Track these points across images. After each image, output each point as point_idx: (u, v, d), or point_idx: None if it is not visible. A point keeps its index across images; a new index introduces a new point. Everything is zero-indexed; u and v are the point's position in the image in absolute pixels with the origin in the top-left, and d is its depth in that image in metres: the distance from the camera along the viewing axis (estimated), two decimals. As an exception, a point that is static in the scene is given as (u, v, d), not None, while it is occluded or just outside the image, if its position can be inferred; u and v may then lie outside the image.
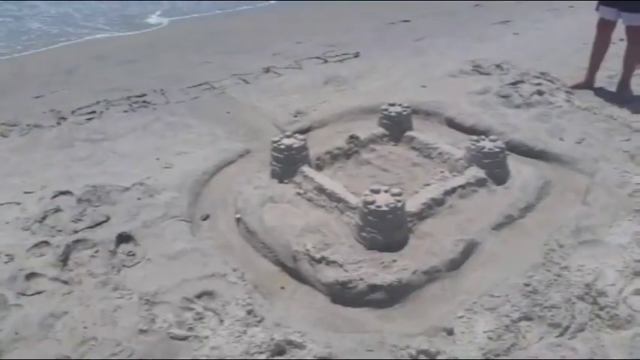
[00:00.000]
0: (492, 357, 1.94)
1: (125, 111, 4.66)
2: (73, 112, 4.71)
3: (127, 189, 3.26)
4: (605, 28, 4.31)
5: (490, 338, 2.01)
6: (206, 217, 3.11)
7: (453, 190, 2.91)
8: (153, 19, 8.52)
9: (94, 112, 4.68)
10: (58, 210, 3.05)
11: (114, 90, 5.22)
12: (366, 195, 2.63)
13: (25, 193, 3.29)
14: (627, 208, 2.78)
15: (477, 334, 2.04)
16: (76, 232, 2.85)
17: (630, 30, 4.16)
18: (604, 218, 2.71)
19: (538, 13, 7.23)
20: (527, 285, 2.26)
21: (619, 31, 4.37)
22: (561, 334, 2.00)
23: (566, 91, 4.28)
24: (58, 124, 4.47)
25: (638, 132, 3.63)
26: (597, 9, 4.34)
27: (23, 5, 9.67)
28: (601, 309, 2.14)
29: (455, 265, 2.52)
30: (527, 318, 2.10)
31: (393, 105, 3.70)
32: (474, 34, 6.25)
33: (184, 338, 2.16)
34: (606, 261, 2.38)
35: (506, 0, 7.95)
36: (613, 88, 4.40)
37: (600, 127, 3.73)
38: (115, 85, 5.39)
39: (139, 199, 3.17)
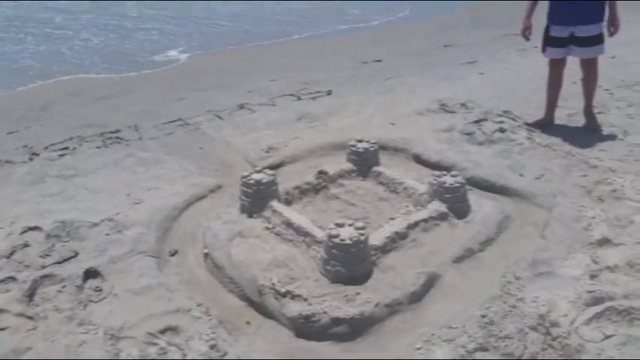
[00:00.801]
0: (448, 387, 1.99)
1: (98, 147, 4.70)
2: (45, 148, 4.74)
3: (95, 225, 3.29)
4: (557, 67, 4.55)
5: (446, 368, 2.07)
6: (174, 253, 3.14)
7: (416, 224, 3.00)
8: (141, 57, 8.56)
9: (66, 148, 4.71)
10: (26, 245, 3.06)
11: (88, 126, 5.28)
12: (330, 229, 2.71)
13: (-7, 228, 3.30)
14: (582, 242, 2.90)
15: (434, 365, 2.10)
16: (43, 267, 2.86)
17: (584, 61, 4.45)
18: (559, 251, 2.82)
19: (505, 53, 7.53)
20: (483, 316, 2.33)
21: (573, 74, 4.61)
22: (514, 364, 2.08)
23: (528, 129, 4.46)
24: (30, 159, 4.49)
25: (595, 168, 3.79)
26: (544, 51, 4.53)
27: (9, 41, 9.68)
28: (553, 339, 2.22)
29: (416, 297, 2.59)
30: (483, 349, 2.17)
31: (360, 141, 3.82)
32: (442, 73, 6.48)
33: (148, 373, 2.18)
34: (560, 292, 2.47)
35: (474, 41, 8.27)
36: (573, 126, 4.60)
37: (559, 163, 3.89)
38: (89, 121, 5.44)
39: (107, 234, 3.19)
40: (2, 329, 2.44)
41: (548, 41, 4.45)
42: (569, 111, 4.87)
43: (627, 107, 5.05)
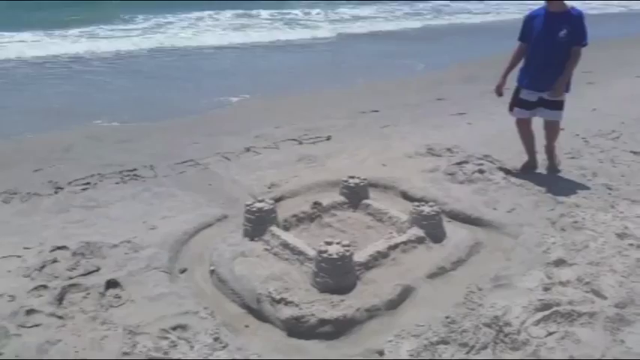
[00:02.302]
0: (412, 370, 2.38)
1: (117, 183, 5.19)
2: (69, 183, 5.23)
3: (115, 245, 3.73)
4: (523, 125, 5.01)
5: (411, 355, 2.46)
6: (184, 270, 3.57)
7: (396, 246, 3.44)
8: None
9: (88, 183, 5.21)
10: (55, 261, 3.50)
11: (107, 165, 5.78)
12: (320, 246, 3.15)
13: (25, 248, 3.74)
14: (540, 262, 3.32)
15: (401, 353, 2.49)
16: (70, 278, 3.29)
17: (548, 123, 4.92)
18: (520, 269, 3.24)
19: (493, 106, 8.01)
20: (447, 317, 2.73)
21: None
22: (468, 352, 2.46)
23: (505, 171, 4.93)
24: (56, 192, 4.97)
25: (562, 203, 4.24)
26: (511, 110, 4.99)
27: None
28: (505, 335, 2.61)
29: (393, 305, 3.00)
30: (444, 342, 2.57)
31: (352, 177, 4.30)
32: (433, 122, 7.03)
33: (160, 360, 2.57)
34: (515, 300, 2.88)
35: (465, 95, 8.88)
36: (546, 170, 5.07)
37: (530, 199, 4.34)
38: (108, 161, 5.96)
39: (126, 253, 3.63)
40: (37, 325, 2.85)
41: (517, 102, 4.90)
42: (545, 156, 5.35)
43: (599, 153, 5.54)
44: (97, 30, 18.46)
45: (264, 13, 24.65)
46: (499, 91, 4.92)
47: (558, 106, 4.76)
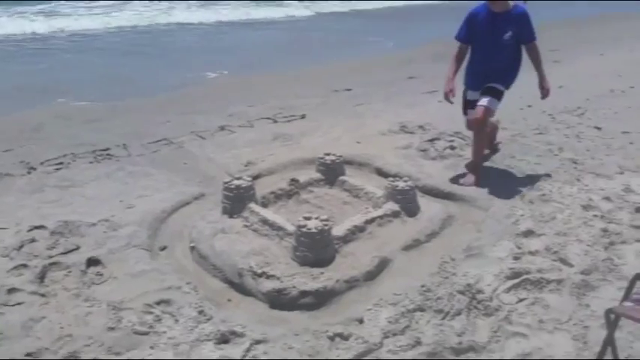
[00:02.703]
0: (390, 335, 2.50)
1: (90, 162, 5.15)
2: (41, 163, 5.16)
3: (93, 224, 3.73)
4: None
5: (390, 322, 2.58)
6: (164, 248, 3.60)
7: (373, 220, 3.54)
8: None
9: (61, 163, 5.14)
10: (33, 240, 3.49)
11: (79, 145, 5.71)
12: (299, 221, 3.22)
13: (1, 228, 3.71)
14: (510, 233, 3.47)
15: (380, 320, 2.60)
16: (50, 257, 3.29)
17: (471, 121, 4.48)
18: (490, 239, 3.39)
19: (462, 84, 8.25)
20: (422, 286, 2.85)
21: (520, 99, 5.24)
22: (443, 318, 2.60)
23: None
24: (29, 173, 4.90)
25: (530, 177, 4.40)
26: (465, 114, 4.63)
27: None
28: (478, 302, 2.75)
29: (370, 276, 3.11)
30: (420, 309, 2.69)
31: (328, 154, 4.37)
32: (406, 101, 7.14)
33: (146, 333, 2.62)
34: (486, 269, 3.02)
35: (436, 74, 9.00)
36: (514, 145, 5.23)
37: (499, 173, 4.50)
38: (79, 141, 5.88)
39: (104, 232, 3.64)
40: (19, 304, 2.86)
41: (467, 105, 4.60)
42: (513, 132, 5.53)
43: (565, 129, 5.74)
44: (58, 8, 17.94)
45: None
46: (448, 97, 4.47)
47: (492, 93, 4.35)
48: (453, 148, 4.98)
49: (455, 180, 4.41)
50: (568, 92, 7.38)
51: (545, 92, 4.39)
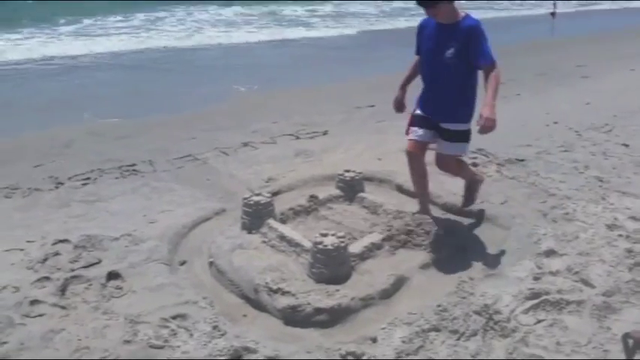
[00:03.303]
0: (404, 356, 2.47)
1: (117, 178, 5.27)
2: (69, 178, 5.30)
3: (116, 239, 3.81)
4: (417, 151, 3.83)
5: (403, 342, 2.55)
6: (183, 263, 3.65)
7: (391, 238, 3.52)
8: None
9: (88, 178, 5.28)
10: (57, 254, 3.58)
11: (107, 161, 5.85)
12: (316, 237, 3.23)
13: (28, 241, 3.82)
14: (531, 252, 3.41)
15: (394, 340, 2.58)
16: (72, 270, 3.37)
17: (440, 157, 3.80)
18: (511, 259, 3.33)
19: (489, 100, 8.18)
20: (438, 306, 2.82)
21: (545, 116, 5.17)
22: (458, 338, 2.55)
23: (497, 164, 5.02)
24: (56, 187, 5.05)
25: (554, 196, 4.32)
26: (407, 133, 3.89)
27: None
28: (495, 323, 2.70)
29: (386, 294, 3.08)
30: (436, 329, 2.65)
31: (347, 171, 4.38)
32: (429, 117, 7.11)
33: (161, 347, 2.66)
34: (505, 289, 2.97)
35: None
36: (540, 162, 5.15)
37: (522, 192, 4.42)
38: (107, 157, 6.03)
39: (126, 246, 3.71)
40: (41, 315, 2.94)
41: (413, 120, 3.81)
42: (538, 149, 5.44)
43: (591, 146, 5.62)
44: (90, 28, 18.57)
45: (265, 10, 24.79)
46: (397, 106, 4.00)
47: (456, 137, 3.64)
48: (475, 165, 4.93)
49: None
50: (595, 109, 7.25)
51: (481, 122, 3.25)
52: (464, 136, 3.65)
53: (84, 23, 20.43)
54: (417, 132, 3.73)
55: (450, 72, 3.47)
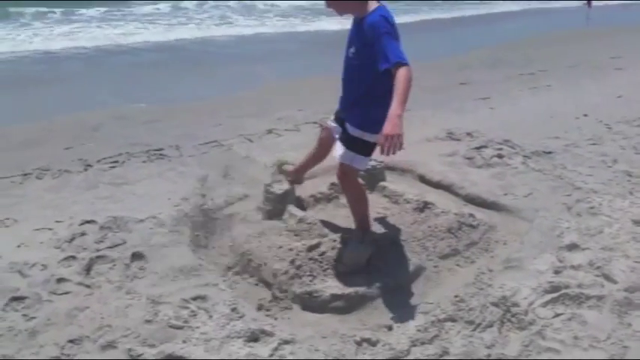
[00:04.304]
0: (418, 344, 2.48)
1: (144, 161, 5.36)
2: (98, 161, 5.42)
3: (141, 221, 3.89)
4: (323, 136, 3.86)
5: (419, 330, 2.56)
6: (205, 246, 3.72)
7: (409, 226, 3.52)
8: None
9: (116, 161, 5.39)
10: (83, 234, 3.68)
11: (135, 144, 5.96)
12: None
13: (57, 222, 3.93)
14: (553, 245, 3.36)
15: (409, 328, 2.59)
16: (98, 250, 3.46)
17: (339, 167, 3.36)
18: (532, 252, 3.29)
19: (517, 90, 8.05)
20: (456, 296, 2.82)
21: (574, 109, 5.07)
22: (474, 329, 2.55)
23: (524, 155, 4.94)
24: (85, 170, 5.16)
25: (579, 189, 4.24)
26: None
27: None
28: (512, 315, 2.69)
29: (404, 283, 3.09)
30: (452, 319, 2.65)
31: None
32: (455, 107, 7.04)
33: (180, 327, 2.72)
34: (524, 282, 2.94)
35: (489, 80, 8.83)
36: (567, 155, 5.05)
37: (547, 184, 4.35)
38: (135, 140, 6.13)
39: (151, 228, 3.78)
40: (67, 293, 3.03)
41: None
42: (566, 142, 5.34)
43: (622, 140, 5.49)
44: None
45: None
46: None
47: (348, 143, 3.20)
48: (500, 156, 4.86)
49: None
50: (628, 102, 7.05)
51: (381, 140, 2.66)
52: (356, 145, 3.16)
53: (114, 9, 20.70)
54: (331, 119, 3.61)
55: (354, 73, 3.11)
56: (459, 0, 26.13)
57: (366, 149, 3.18)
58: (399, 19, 3.00)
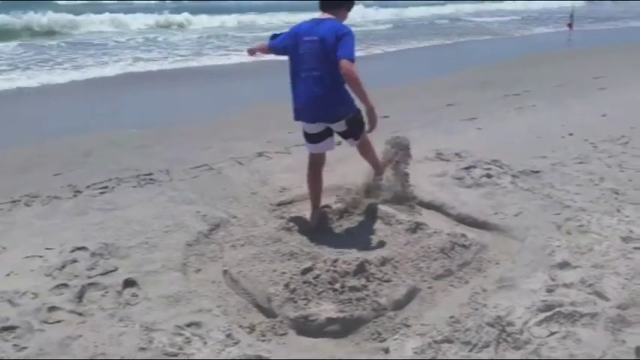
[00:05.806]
0: (416, 366, 2.48)
1: (134, 186, 5.34)
2: (87, 187, 5.39)
3: (132, 247, 3.87)
4: (315, 159, 4.43)
5: (415, 352, 2.56)
6: (198, 270, 3.69)
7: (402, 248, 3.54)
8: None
9: (106, 187, 5.35)
10: (75, 261, 3.65)
11: (125, 170, 5.93)
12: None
13: (47, 249, 3.89)
14: (544, 264, 3.39)
15: (406, 350, 2.59)
16: (90, 277, 3.43)
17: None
18: (524, 271, 3.32)
19: (504, 111, 8.16)
20: (451, 317, 2.82)
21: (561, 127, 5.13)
22: (470, 350, 2.56)
23: (512, 175, 5.00)
24: (75, 196, 5.13)
25: (568, 207, 4.29)
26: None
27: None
28: (508, 335, 2.70)
29: (399, 305, 3.09)
30: (448, 340, 2.66)
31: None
32: (443, 128, 7.12)
33: (175, 355, 2.70)
34: (518, 301, 2.96)
35: (476, 100, 8.95)
36: (554, 174, 5.11)
37: (537, 203, 4.41)
38: (125, 166, 6.11)
39: (142, 254, 3.77)
40: (59, 321, 3.00)
41: (305, 135, 4.23)
42: (553, 161, 5.42)
43: (607, 158, 5.57)
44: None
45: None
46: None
47: (350, 131, 4.08)
48: (489, 176, 4.92)
49: None
50: (612, 121, 7.18)
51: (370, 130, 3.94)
52: (355, 126, 4.11)
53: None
54: (311, 147, 4.41)
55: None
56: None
57: (361, 120, 3.99)
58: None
